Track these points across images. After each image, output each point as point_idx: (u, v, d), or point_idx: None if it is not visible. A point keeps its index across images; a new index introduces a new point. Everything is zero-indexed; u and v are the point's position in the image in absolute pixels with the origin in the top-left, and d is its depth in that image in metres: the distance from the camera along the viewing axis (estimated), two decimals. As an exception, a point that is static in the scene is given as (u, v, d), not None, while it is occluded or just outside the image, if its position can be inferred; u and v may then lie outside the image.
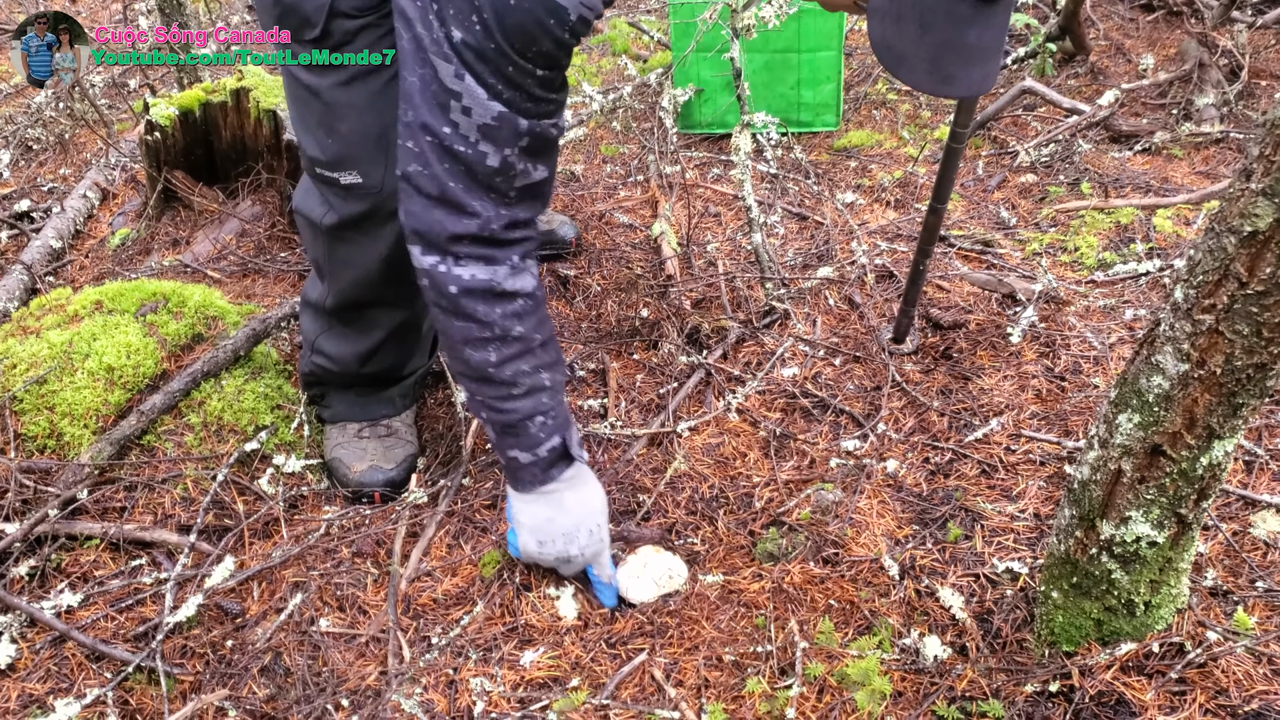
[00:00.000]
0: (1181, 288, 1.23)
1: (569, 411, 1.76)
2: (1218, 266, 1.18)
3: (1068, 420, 2.08)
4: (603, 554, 1.78)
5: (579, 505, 1.76)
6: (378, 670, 1.70)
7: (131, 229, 3.04)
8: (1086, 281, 2.61)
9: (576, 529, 1.75)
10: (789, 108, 3.56)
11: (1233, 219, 1.15)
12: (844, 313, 2.58)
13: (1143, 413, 1.30)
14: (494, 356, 1.64)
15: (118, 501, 1.98)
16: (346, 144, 1.78)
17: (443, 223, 1.55)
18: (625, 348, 2.52)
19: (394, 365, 2.17)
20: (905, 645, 1.61)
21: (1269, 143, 1.10)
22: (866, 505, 1.93)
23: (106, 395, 2.09)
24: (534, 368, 1.67)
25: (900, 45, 1.42)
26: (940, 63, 1.41)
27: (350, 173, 1.81)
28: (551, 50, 1.45)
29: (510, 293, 1.61)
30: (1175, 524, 1.36)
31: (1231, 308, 1.18)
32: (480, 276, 1.58)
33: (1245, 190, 1.13)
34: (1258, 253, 1.13)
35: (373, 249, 1.89)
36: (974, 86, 1.46)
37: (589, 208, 3.22)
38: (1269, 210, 1.10)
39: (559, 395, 1.73)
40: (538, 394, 1.68)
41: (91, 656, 1.73)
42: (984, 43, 1.40)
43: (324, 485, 2.16)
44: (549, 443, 1.71)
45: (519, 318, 1.63)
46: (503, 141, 1.50)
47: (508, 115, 1.48)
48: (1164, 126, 3.34)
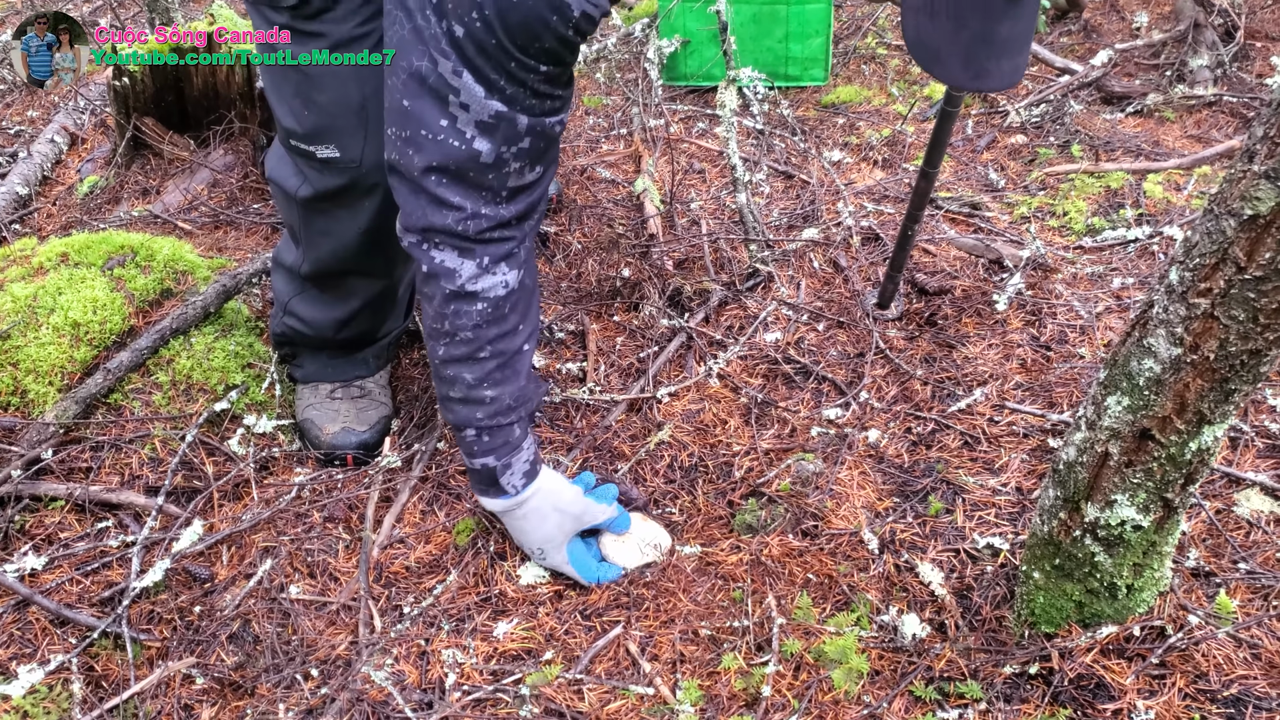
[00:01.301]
0: (1177, 270, 1.19)
1: (518, 437, 1.68)
2: (1215, 250, 1.14)
3: (1052, 392, 2.05)
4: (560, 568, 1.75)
5: (516, 531, 1.75)
6: (348, 639, 1.67)
7: (100, 176, 2.96)
8: (1075, 247, 2.57)
9: (547, 541, 1.73)
10: (777, 61, 3.49)
11: (1233, 201, 1.11)
12: (829, 276, 2.54)
13: (1132, 396, 1.27)
14: (441, 352, 1.61)
15: (83, 462, 1.94)
16: (324, 115, 1.70)
17: (424, 212, 1.50)
18: (605, 309, 2.47)
19: (369, 329, 2.12)
20: (884, 622, 1.60)
21: (1274, 124, 1.06)
22: (847, 476, 1.91)
23: (72, 352, 2.03)
24: (476, 380, 1.61)
25: (935, 41, 1.43)
26: (974, 57, 1.42)
27: (328, 146, 1.73)
28: (555, 48, 1.39)
29: (470, 293, 1.55)
30: (1161, 508, 1.34)
31: (1228, 292, 1.14)
32: (448, 264, 1.53)
33: (1247, 172, 1.09)
34: (1258, 237, 1.09)
35: (352, 222, 1.83)
36: (1006, 79, 1.46)
37: (571, 162, 3.16)
38: (1271, 194, 1.06)
39: (504, 416, 1.65)
40: (473, 406, 1.63)
41: (56, 621, 1.70)
42: (1015, 35, 1.41)
43: (295, 446, 2.12)
44: (480, 459, 1.66)
45: (474, 325, 1.57)
46: (500, 139, 1.45)
47: (506, 114, 1.42)
48: (1157, 88, 3.29)
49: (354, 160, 1.74)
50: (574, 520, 1.73)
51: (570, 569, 1.73)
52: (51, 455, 1.91)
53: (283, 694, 1.58)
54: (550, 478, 1.74)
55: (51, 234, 2.84)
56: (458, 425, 1.66)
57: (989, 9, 1.39)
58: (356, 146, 1.73)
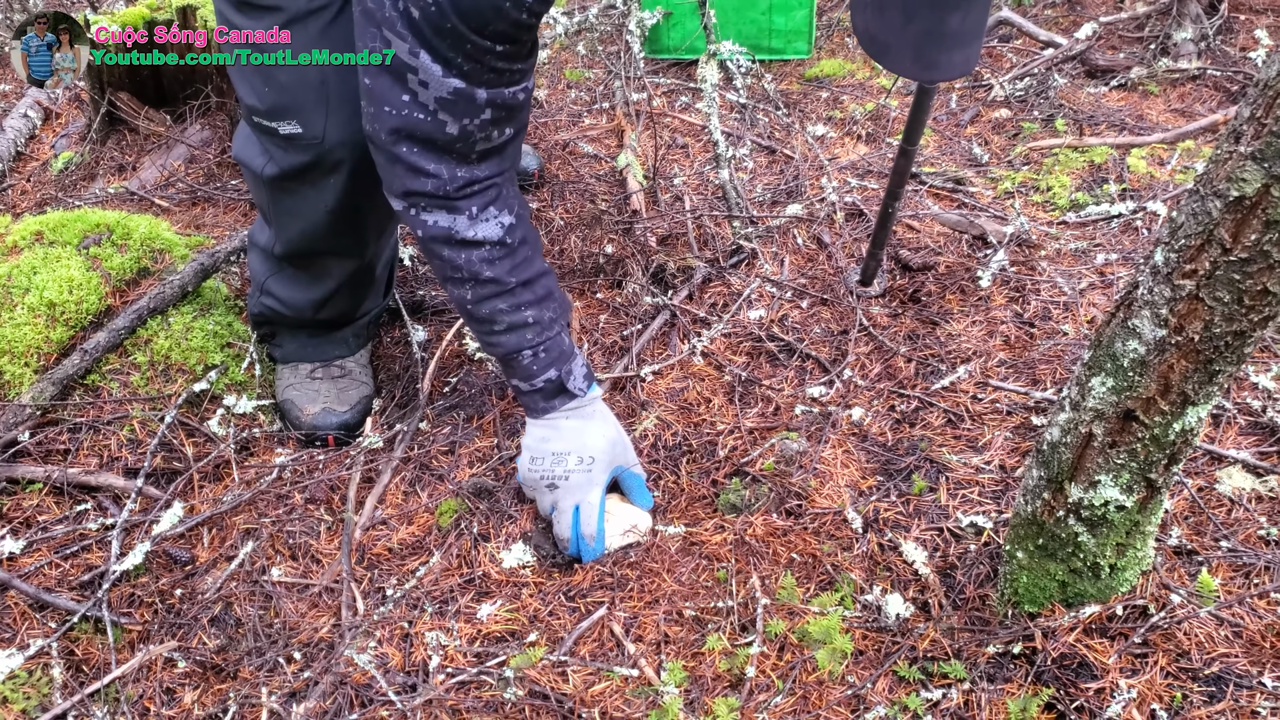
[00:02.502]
0: (1162, 251, 1.19)
1: (569, 345, 1.76)
2: (1201, 231, 1.13)
3: (1035, 369, 2.05)
4: (591, 490, 1.74)
5: (575, 433, 1.75)
6: (331, 622, 1.66)
7: (75, 152, 2.91)
8: (1058, 223, 2.57)
9: (568, 452, 1.75)
10: (760, 34, 3.46)
11: (1218, 182, 1.10)
12: (812, 252, 2.53)
13: (1116, 377, 1.27)
14: (469, 295, 1.67)
15: (61, 444, 1.92)
16: (285, 92, 1.69)
17: (402, 179, 1.55)
18: (589, 286, 2.45)
19: (348, 309, 2.10)
20: (867, 602, 1.60)
21: (1260, 104, 1.05)
22: (831, 455, 1.90)
23: (48, 332, 2.01)
24: (512, 306, 1.67)
25: (884, 35, 1.44)
26: (924, 50, 1.43)
27: (289, 123, 1.72)
28: (509, 30, 1.41)
29: (472, 240, 1.61)
30: (1144, 488, 1.34)
31: (1213, 274, 1.13)
32: (441, 224, 1.59)
33: (1233, 153, 1.08)
34: (1243, 218, 1.09)
35: (318, 200, 1.81)
36: (956, 70, 1.47)
37: (552, 136, 3.13)
38: (1257, 175, 1.06)
39: (550, 330, 1.72)
40: (520, 330, 1.69)
41: (35, 606, 1.69)
42: (966, 28, 1.41)
43: (276, 427, 2.10)
44: (543, 375, 1.72)
45: (488, 263, 1.64)
46: (461, 114, 1.48)
47: (465, 90, 1.45)
48: (1141, 61, 3.28)
49: (316, 136, 1.73)
50: (624, 447, 1.80)
51: (599, 495, 1.74)
52: (28, 438, 1.89)
53: (265, 677, 1.57)
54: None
55: (26, 211, 2.80)
56: (511, 353, 1.71)
57: (939, 3, 1.39)
58: (319, 123, 1.71)
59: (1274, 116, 1.03)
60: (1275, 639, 1.43)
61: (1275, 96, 1.03)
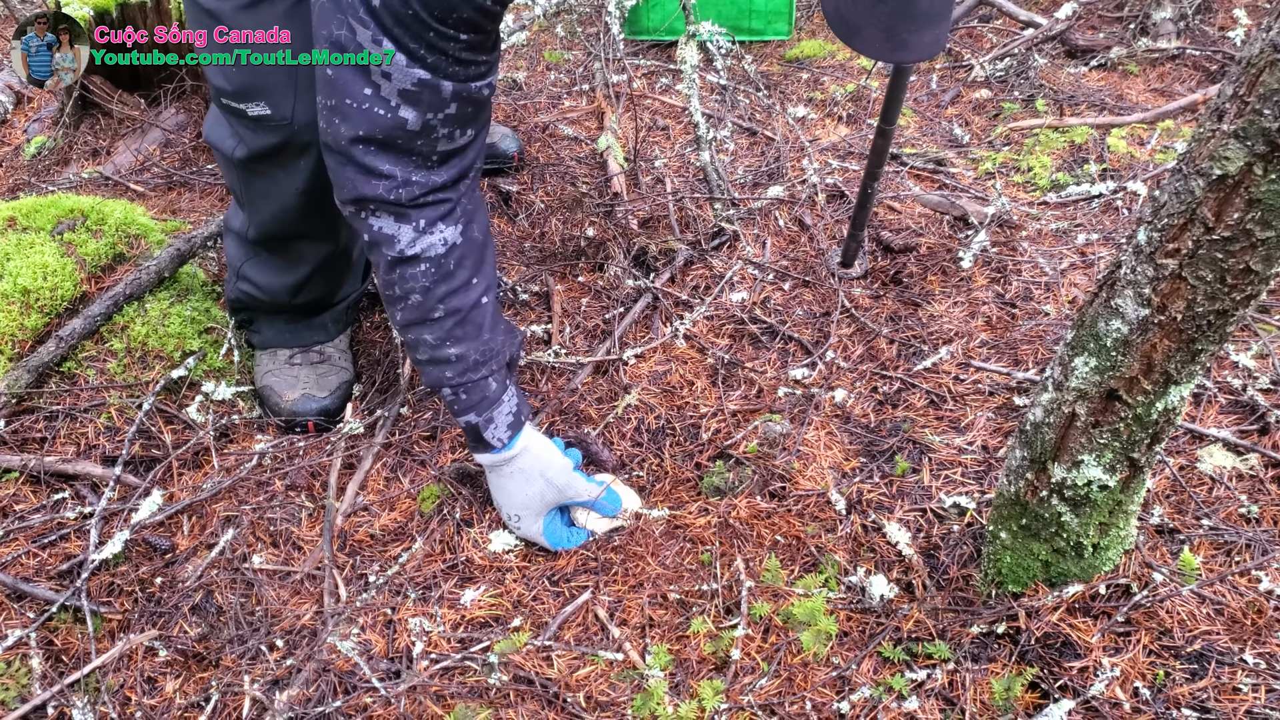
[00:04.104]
0: (1145, 230, 1.19)
1: (495, 391, 1.66)
2: (1184, 210, 1.13)
3: (1017, 349, 2.05)
4: (534, 539, 1.74)
5: (498, 491, 1.74)
6: (313, 609, 1.65)
7: (48, 137, 2.87)
8: (1039, 203, 2.57)
9: (499, 505, 1.74)
10: (740, 15, 3.44)
11: (1201, 161, 1.10)
12: (794, 234, 2.53)
13: (1099, 357, 1.27)
14: (398, 317, 1.61)
15: (38, 432, 1.89)
16: (253, 73, 1.66)
17: (353, 182, 1.48)
18: (570, 269, 2.44)
19: (325, 294, 2.09)
20: (851, 583, 1.60)
21: (1244, 82, 1.04)
22: (814, 437, 1.90)
23: (22, 319, 1.98)
24: (438, 339, 1.60)
25: (854, 16, 1.43)
26: (894, 30, 1.42)
27: (258, 104, 1.69)
28: (473, 17, 1.36)
29: (411, 257, 1.53)
30: (1127, 468, 1.34)
31: (1196, 253, 1.13)
32: (386, 232, 1.51)
33: (1216, 131, 1.08)
34: (1226, 197, 1.09)
35: (289, 182, 1.79)
36: (925, 50, 1.46)
37: (532, 118, 3.11)
38: (1240, 153, 1.05)
39: (474, 372, 1.63)
40: (441, 365, 1.63)
41: (12, 596, 1.67)
42: (934, 8, 1.41)
43: (255, 413, 2.09)
44: (462, 417, 1.66)
45: (422, 289, 1.56)
46: (425, 106, 1.42)
47: (430, 81, 1.39)
48: (1120, 41, 3.28)
49: (285, 118, 1.70)
50: (557, 492, 1.71)
51: (542, 540, 1.72)
52: (4, 426, 1.86)
53: (247, 665, 1.56)
54: (542, 444, 1.73)
55: (-1, 196, 2.77)
56: (433, 386, 1.66)
57: None
58: (287, 104, 1.69)
59: (1256, 95, 1.02)
60: (1256, 616, 1.44)
61: (1257, 75, 1.02)
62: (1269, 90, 1.01)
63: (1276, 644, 1.41)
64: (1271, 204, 1.06)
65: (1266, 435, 1.78)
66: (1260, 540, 1.56)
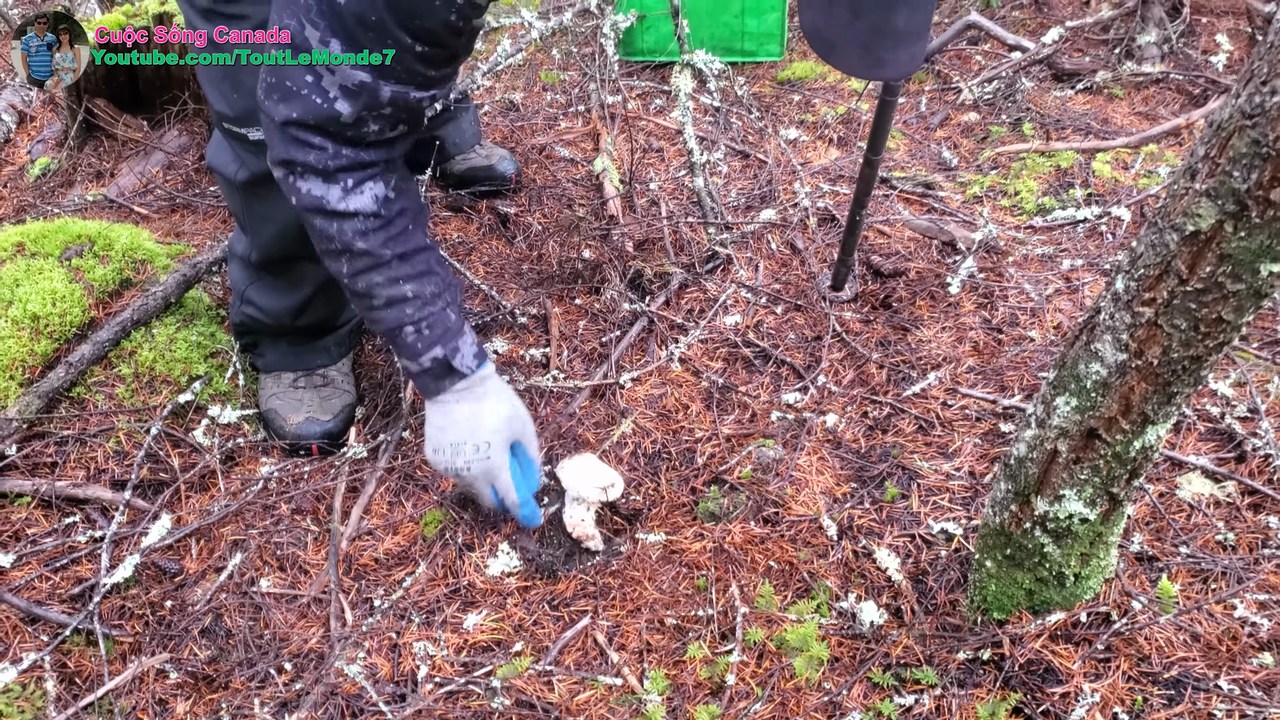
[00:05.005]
0: (1123, 279, 1.24)
1: (456, 322, 1.72)
2: (1159, 261, 1.19)
3: (1003, 375, 2.11)
4: (497, 474, 1.75)
5: (468, 420, 1.74)
6: (320, 632, 1.70)
7: (52, 159, 2.91)
8: (1025, 227, 2.63)
9: (463, 443, 1.74)
10: (733, 37, 3.50)
11: (1176, 216, 1.15)
12: (786, 257, 2.58)
13: (1080, 397, 1.32)
14: (345, 268, 1.64)
15: (48, 457, 1.94)
16: (253, 98, 1.71)
17: (285, 147, 1.53)
18: (567, 292, 2.49)
19: (327, 316, 2.13)
20: (843, 609, 1.65)
21: (1215, 144, 1.10)
22: (806, 462, 1.96)
23: (32, 345, 2.03)
24: (389, 280, 1.64)
25: (831, 32, 1.44)
26: (871, 47, 1.43)
27: (258, 128, 1.76)
28: (435, 28, 1.42)
29: (344, 212, 1.58)
30: (1107, 502, 1.40)
31: (1171, 303, 1.19)
32: (314, 193, 1.56)
33: (1189, 189, 1.13)
34: (1199, 251, 1.14)
35: (288, 204, 1.84)
36: (902, 68, 1.48)
37: (529, 140, 3.16)
38: (1211, 211, 1.11)
39: (432, 305, 1.68)
40: (399, 305, 1.66)
41: (26, 619, 1.71)
42: (912, 26, 1.42)
43: (260, 436, 2.13)
44: (428, 354, 1.69)
45: (361, 235, 1.61)
46: (361, 104, 1.48)
47: (370, 84, 1.45)
48: (1106, 65, 3.35)
49: None
50: (522, 424, 1.79)
51: (506, 475, 1.75)
52: (15, 451, 1.91)
53: (256, 688, 1.61)
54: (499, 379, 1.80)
55: (3, 217, 2.81)
56: (392, 330, 1.68)
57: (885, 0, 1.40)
58: None
59: (1226, 157, 1.08)
60: (1231, 642, 1.50)
61: (1227, 138, 1.08)
62: (1238, 154, 1.07)
63: (1250, 670, 1.46)
64: (1242, 259, 1.12)
65: (1243, 463, 1.84)
66: (1235, 568, 1.62)
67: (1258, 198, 1.07)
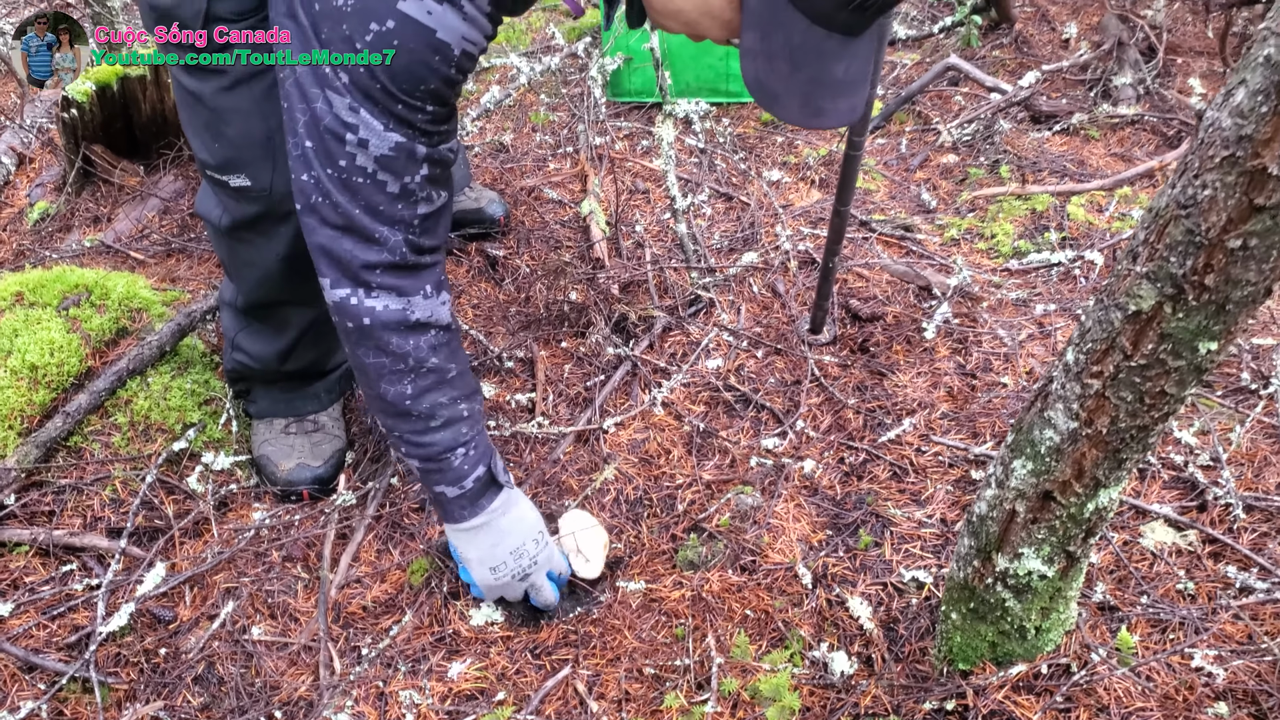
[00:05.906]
0: (1073, 351, 1.31)
1: (489, 440, 1.78)
2: (1105, 337, 1.25)
3: (975, 422, 2.17)
4: (555, 556, 1.84)
5: (516, 524, 1.80)
6: (310, 680, 1.75)
7: (51, 203, 2.98)
8: (1001, 270, 2.69)
9: (523, 544, 1.79)
10: (717, 78, 3.57)
11: (1119, 295, 1.22)
12: (767, 300, 2.65)
13: (1035, 461, 1.39)
14: (410, 389, 1.66)
15: (46, 505, 1.99)
16: (234, 148, 1.77)
17: (353, 251, 1.56)
18: (554, 335, 2.55)
19: (315, 361, 2.18)
20: (815, 659, 1.71)
21: (1154, 229, 1.17)
22: (783, 509, 2.01)
23: (31, 395, 2.08)
24: (451, 399, 1.69)
25: (772, 83, 1.43)
26: (811, 98, 1.43)
27: (239, 176, 1.80)
28: (439, 88, 1.47)
29: (423, 324, 1.63)
30: (1064, 559, 1.46)
31: (1117, 376, 1.25)
32: (393, 308, 1.60)
33: (1131, 271, 1.20)
34: (1141, 330, 1.21)
35: (270, 249, 1.89)
36: (843, 118, 1.48)
37: (518, 181, 3.23)
38: (1151, 293, 1.17)
39: (478, 425, 1.75)
40: (456, 425, 1.71)
41: (24, 667, 1.76)
42: (851, 76, 1.42)
43: (253, 482, 2.19)
44: (474, 473, 1.74)
45: (434, 350, 1.65)
46: (401, 170, 1.52)
47: (405, 144, 1.49)
48: (1082, 106, 3.42)
49: (264, 188, 1.80)
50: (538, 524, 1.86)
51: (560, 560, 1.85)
52: (14, 500, 1.96)
53: (248, 736, 1.66)
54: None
55: (2, 261, 2.87)
56: (444, 452, 1.71)
57: (822, 52, 1.40)
58: (266, 176, 1.79)
59: (1164, 243, 1.15)
60: (1187, 692, 1.55)
61: (1164, 226, 1.14)
62: (1174, 241, 1.13)
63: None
64: (1181, 338, 1.18)
65: (1205, 512, 1.90)
66: (1194, 618, 1.67)
67: (1193, 282, 1.14)
